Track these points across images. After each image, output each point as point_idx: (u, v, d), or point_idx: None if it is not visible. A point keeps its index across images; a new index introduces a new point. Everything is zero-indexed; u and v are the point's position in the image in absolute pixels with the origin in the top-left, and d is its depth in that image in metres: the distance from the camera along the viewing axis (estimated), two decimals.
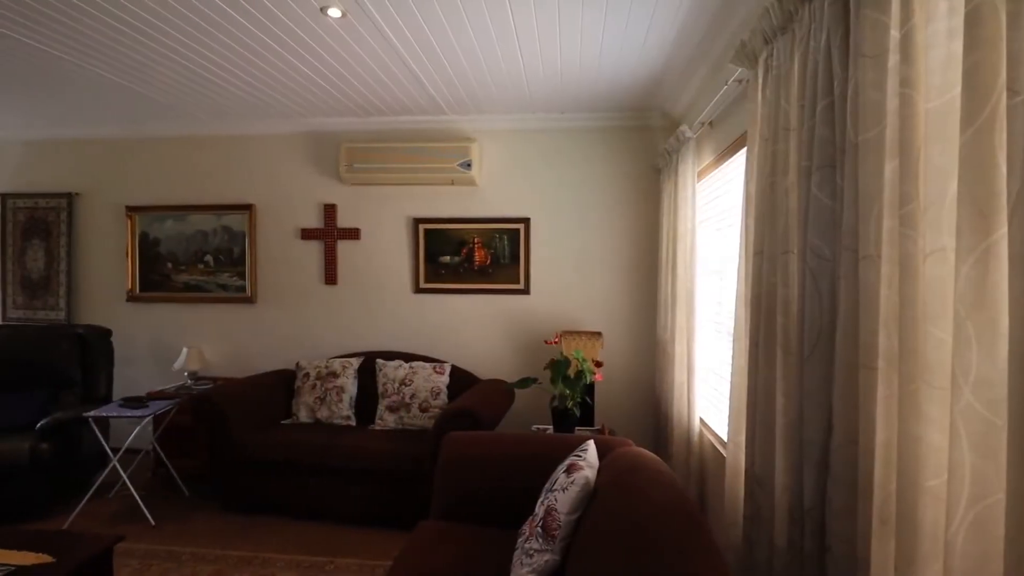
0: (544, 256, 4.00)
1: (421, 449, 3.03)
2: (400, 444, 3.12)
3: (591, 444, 1.96)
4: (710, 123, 2.90)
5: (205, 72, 3.19)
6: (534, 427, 3.27)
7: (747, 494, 1.79)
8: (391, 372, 3.59)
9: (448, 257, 4.07)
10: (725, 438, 2.58)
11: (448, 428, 2.86)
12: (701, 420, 2.98)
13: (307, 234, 4.20)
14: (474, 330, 4.06)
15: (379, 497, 3.08)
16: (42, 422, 3.20)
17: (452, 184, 4.02)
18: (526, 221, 4.00)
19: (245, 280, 4.23)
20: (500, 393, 3.40)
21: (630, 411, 3.93)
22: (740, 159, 2.50)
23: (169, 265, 4.30)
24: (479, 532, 2.08)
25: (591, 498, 1.66)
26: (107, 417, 3.17)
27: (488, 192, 4.05)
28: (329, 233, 4.16)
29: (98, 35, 2.70)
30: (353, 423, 3.56)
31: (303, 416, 3.58)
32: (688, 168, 2.99)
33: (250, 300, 4.23)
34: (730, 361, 2.52)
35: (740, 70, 2.24)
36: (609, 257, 3.96)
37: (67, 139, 4.43)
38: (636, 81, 3.28)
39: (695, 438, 2.95)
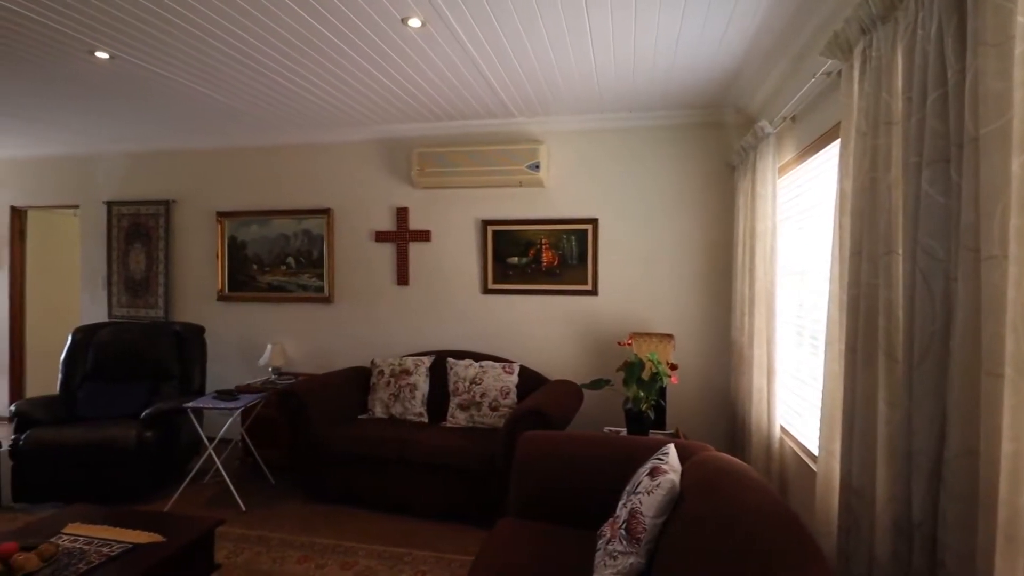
0: (612, 257, 3.97)
1: (493, 447, 3.08)
2: (472, 441, 3.19)
3: (672, 448, 1.94)
4: (792, 118, 2.79)
5: (290, 84, 3.37)
6: (606, 429, 3.25)
7: (842, 505, 1.71)
8: (462, 371, 3.67)
9: (516, 258, 4.12)
10: (810, 446, 2.48)
11: (519, 427, 2.90)
12: (782, 427, 2.87)
13: (380, 236, 4.36)
14: (542, 331, 4.09)
15: (453, 492, 3.16)
16: (146, 411, 3.49)
17: (520, 186, 4.07)
18: (594, 222, 3.98)
19: (323, 281, 4.44)
20: (570, 394, 3.40)
21: (702, 415, 3.84)
22: (827, 154, 2.40)
23: (255, 267, 4.58)
24: (556, 531, 2.10)
25: (676, 502, 1.64)
26: (203, 408, 3.41)
27: (556, 193, 4.07)
28: (401, 235, 4.30)
29: (193, 51, 2.92)
30: (426, 420, 3.66)
31: (378, 411, 3.72)
32: (768, 164, 2.89)
33: (328, 300, 4.44)
34: (819, 366, 2.42)
35: (830, 62, 2.15)
36: (679, 257, 3.88)
37: (165, 151, 4.80)
38: (711, 77, 3.21)
39: (775, 445, 2.84)
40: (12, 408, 3.48)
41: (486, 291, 4.17)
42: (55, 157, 5.14)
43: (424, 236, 4.28)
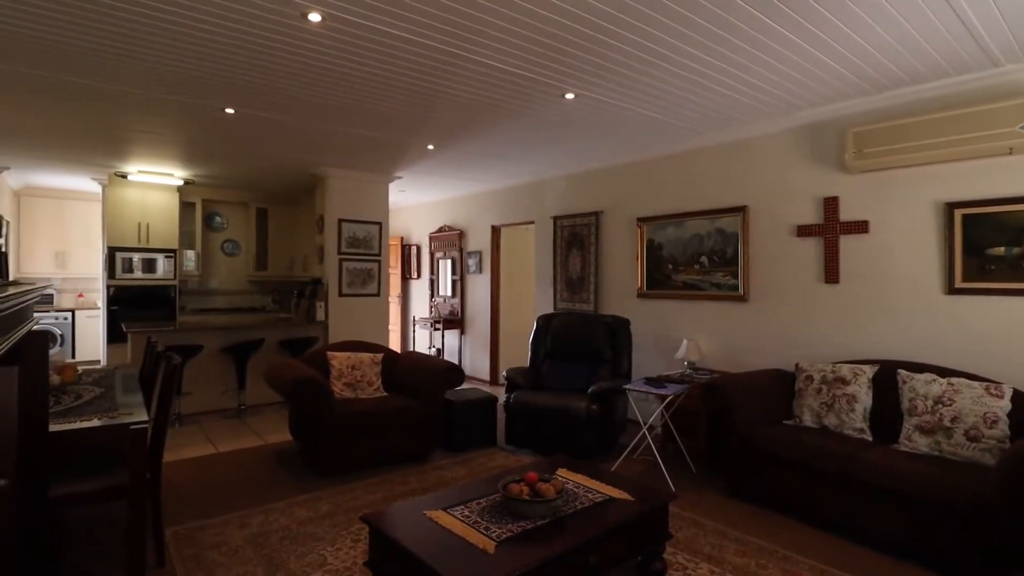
0: None
1: (980, 484, 2.45)
2: (945, 473, 2.61)
3: None
4: None
5: (718, 86, 3.46)
6: None
7: None
8: (920, 387, 3.05)
9: (1001, 248, 3.19)
10: None
11: None
12: None
13: (803, 231, 4.04)
14: None
15: (914, 527, 2.66)
16: (592, 388, 4.15)
17: (1010, 153, 3.13)
18: None
19: (737, 279, 4.41)
20: None
21: None
22: None
23: (670, 266, 4.91)
24: None
25: None
26: (637, 391, 3.84)
27: None
28: (830, 228, 3.89)
29: (643, 76, 3.30)
30: (868, 437, 3.20)
31: (807, 419, 3.45)
32: None
33: (743, 298, 4.39)
34: None
35: None
36: None
37: (595, 169, 5.65)
38: None
39: None
40: (504, 374, 4.68)
41: (951, 291, 3.36)
42: (518, 186, 6.68)
43: (860, 228, 3.75)
